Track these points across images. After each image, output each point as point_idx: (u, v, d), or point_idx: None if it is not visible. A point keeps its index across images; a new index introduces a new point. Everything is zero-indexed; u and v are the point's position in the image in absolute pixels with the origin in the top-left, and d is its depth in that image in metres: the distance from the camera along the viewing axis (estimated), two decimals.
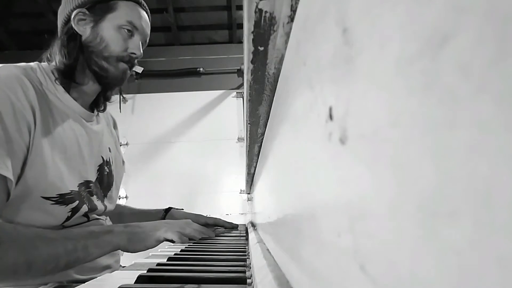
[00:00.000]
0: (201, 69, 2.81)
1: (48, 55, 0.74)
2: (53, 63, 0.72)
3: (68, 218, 0.68)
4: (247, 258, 0.58)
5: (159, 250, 0.76)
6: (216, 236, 0.96)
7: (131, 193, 2.56)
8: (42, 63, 0.72)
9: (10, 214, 0.61)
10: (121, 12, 0.74)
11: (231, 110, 2.80)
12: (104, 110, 0.84)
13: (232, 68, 2.82)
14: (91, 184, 0.74)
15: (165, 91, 2.72)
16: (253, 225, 1.23)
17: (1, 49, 2.87)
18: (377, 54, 0.10)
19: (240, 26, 2.66)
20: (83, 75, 0.74)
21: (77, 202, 0.69)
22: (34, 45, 2.92)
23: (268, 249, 0.51)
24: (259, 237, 0.74)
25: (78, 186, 0.70)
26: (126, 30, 0.74)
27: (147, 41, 0.80)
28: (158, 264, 0.52)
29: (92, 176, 0.76)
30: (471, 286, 0.06)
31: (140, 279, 0.42)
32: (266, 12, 0.24)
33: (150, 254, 0.71)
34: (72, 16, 0.72)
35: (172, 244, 0.87)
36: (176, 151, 2.73)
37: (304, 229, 0.21)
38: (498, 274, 0.06)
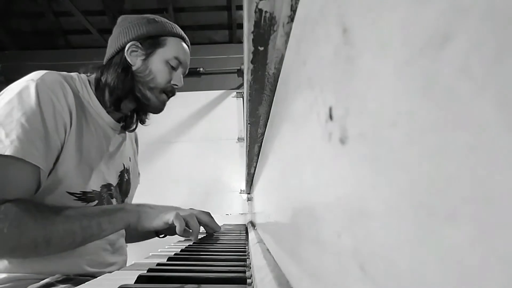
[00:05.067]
0: (201, 69, 2.81)
1: (90, 70, 0.82)
2: (93, 75, 0.80)
3: None
4: (247, 258, 0.58)
5: (159, 250, 0.76)
6: (215, 236, 0.96)
7: None
8: (81, 74, 0.79)
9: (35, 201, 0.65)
10: (169, 48, 0.82)
11: (231, 110, 2.80)
12: (134, 130, 0.92)
13: (232, 68, 2.82)
14: (112, 188, 0.80)
15: None
16: (253, 225, 1.23)
17: (1, 49, 2.87)
18: (377, 54, 0.10)
19: (240, 26, 2.66)
20: (125, 98, 0.81)
21: (97, 201, 0.74)
22: (34, 45, 2.92)
23: (268, 249, 0.51)
24: (259, 237, 0.74)
25: (100, 187, 0.76)
26: (172, 65, 0.82)
27: (187, 72, 0.89)
28: (158, 264, 0.52)
29: (113, 181, 0.82)
30: (471, 286, 0.06)
31: (140, 279, 0.42)
32: (266, 12, 0.24)
33: (150, 254, 0.71)
34: (126, 48, 0.79)
35: (172, 243, 0.87)
36: (176, 151, 2.73)
37: (304, 229, 0.21)
38: (498, 274, 0.06)
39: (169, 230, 0.82)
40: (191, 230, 0.78)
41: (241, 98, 2.78)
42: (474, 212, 0.06)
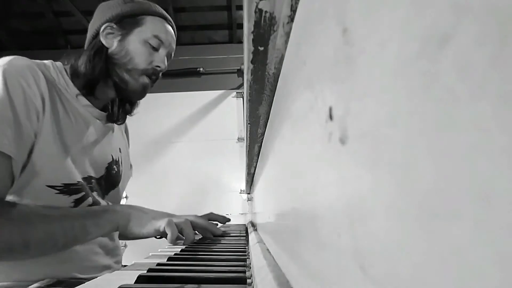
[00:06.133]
0: (201, 69, 2.81)
1: (66, 59, 0.76)
2: (69, 63, 0.75)
3: None
4: (247, 258, 0.58)
5: (159, 250, 0.76)
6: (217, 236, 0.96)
7: (131, 193, 2.56)
8: (56, 62, 0.74)
9: (13, 201, 0.61)
10: (148, 26, 0.76)
11: (231, 110, 2.80)
12: (122, 123, 0.86)
13: (232, 68, 2.82)
14: (92, 180, 0.75)
15: (165, 91, 2.72)
16: (253, 225, 1.23)
17: (1, 49, 2.87)
18: (377, 54, 0.10)
19: (240, 26, 2.66)
20: (102, 83, 0.76)
21: (83, 193, 0.69)
22: (34, 45, 2.92)
23: (268, 249, 0.51)
24: (259, 237, 0.74)
25: (82, 179, 0.71)
26: (152, 44, 0.75)
27: (172, 55, 0.82)
28: (158, 264, 0.52)
29: (97, 173, 0.76)
30: (471, 286, 0.06)
31: (140, 279, 0.42)
32: (266, 12, 0.24)
33: (150, 254, 0.71)
34: (101, 30, 0.75)
35: (171, 244, 0.87)
36: (176, 151, 2.73)
37: (304, 229, 0.21)
38: (498, 275, 0.06)
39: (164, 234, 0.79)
40: (184, 238, 0.74)
41: (241, 98, 2.78)
42: (475, 212, 0.06)
